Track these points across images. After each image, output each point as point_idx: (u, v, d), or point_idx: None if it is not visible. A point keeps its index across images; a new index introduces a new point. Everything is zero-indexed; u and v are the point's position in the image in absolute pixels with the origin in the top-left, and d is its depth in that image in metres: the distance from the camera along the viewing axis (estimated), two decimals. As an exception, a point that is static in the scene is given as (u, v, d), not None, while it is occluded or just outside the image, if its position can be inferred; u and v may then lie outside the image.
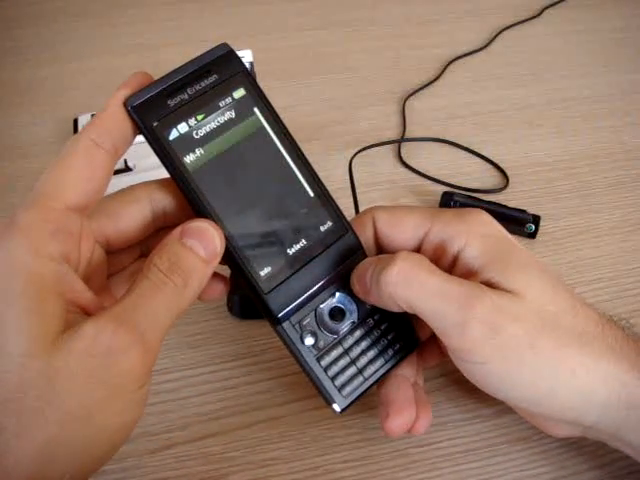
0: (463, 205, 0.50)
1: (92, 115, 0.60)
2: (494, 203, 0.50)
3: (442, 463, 0.34)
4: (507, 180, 0.54)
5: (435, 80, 0.70)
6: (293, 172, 0.30)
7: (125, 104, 0.27)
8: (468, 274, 0.30)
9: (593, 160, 0.57)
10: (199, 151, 0.28)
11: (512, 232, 0.49)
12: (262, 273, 0.29)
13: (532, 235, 0.48)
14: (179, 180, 0.28)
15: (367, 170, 0.56)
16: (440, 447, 0.35)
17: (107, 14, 0.88)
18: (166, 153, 0.28)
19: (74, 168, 0.26)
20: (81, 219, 0.27)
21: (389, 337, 0.32)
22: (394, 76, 0.71)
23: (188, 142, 0.28)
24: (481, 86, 0.69)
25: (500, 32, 0.80)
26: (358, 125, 0.62)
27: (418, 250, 0.32)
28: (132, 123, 0.27)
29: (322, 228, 0.31)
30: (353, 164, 0.55)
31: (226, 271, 0.30)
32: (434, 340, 0.33)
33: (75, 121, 0.60)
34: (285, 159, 0.30)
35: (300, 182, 0.30)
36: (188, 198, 0.28)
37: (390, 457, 0.34)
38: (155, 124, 0.27)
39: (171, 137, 0.28)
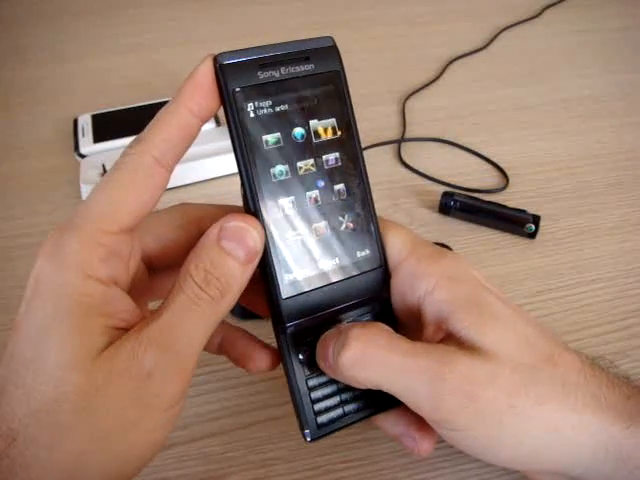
0: (463, 205, 0.50)
1: (92, 115, 0.60)
2: (494, 203, 0.50)
3: (442, 463, 0.34)
4: (507, 180, 0.54)
5: (435, 80, 0.70)
6: (352, 188, 0.29)
7: (215, 59, 0.26)
8: (437, 318, 0.29)
9: (593, 160, 0.57)
10: (269, 131, 0.27)
11: (512, 232, 0.49)
12: (287, 277, 0.28)
13: (532, 235, 0.48)
14: (239, 153, 0.27)
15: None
16: (440, 447, 0.35)
17: (107, 14, 0.88)
18: (237, 122, 0.27)
19: (133, 190, 0.25)
20: (131, 240, 0.26)
21: None
22: (394, 76, 0.71)
23: (262, 118, 0.27)
24: (481, 86, 0.69)
25: (500, 32, 0.80)
26: (358, 125, 0.62)
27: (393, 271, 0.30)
28: (216, 82, 0.26)
29: (359, 254, 0.29)
30: (353, 164, 0.56)
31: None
32: None
33: (75, 121, 0.60)
34: (349, 172, 0.29)
35: (356, 200, 0.29)
36: (242, 177, 0.27)
37: (390, 457, 0.34)
38: (237, 89, 0.26)
39: (248, 108, 0.27)
